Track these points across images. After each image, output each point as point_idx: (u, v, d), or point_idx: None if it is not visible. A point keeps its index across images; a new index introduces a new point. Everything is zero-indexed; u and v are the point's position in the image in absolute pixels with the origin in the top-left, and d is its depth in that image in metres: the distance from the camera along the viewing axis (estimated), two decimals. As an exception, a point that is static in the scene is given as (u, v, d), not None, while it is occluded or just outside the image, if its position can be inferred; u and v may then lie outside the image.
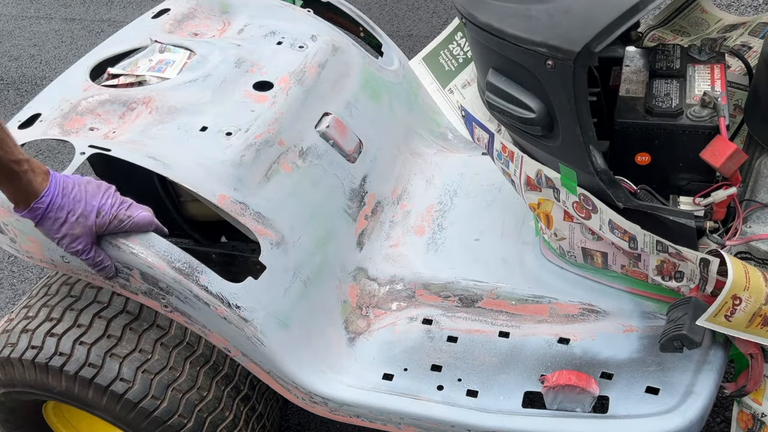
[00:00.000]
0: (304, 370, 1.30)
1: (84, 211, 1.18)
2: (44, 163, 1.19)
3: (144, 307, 1.39)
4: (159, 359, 1.36)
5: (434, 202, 1.64)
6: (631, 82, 1.24)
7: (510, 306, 1.39)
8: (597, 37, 0.98)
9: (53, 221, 1.17)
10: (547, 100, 1.09)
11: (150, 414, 1.34)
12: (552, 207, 1.27)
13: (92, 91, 1.53)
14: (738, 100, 1.31)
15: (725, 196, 1.10)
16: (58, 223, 1.17)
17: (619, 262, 1.26)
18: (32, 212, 1.15)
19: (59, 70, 3.52)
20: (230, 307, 1.24)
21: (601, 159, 1.09)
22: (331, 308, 1.42)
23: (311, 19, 1.77)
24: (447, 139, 1.85)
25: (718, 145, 1.09)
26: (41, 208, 1.15)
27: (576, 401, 1.19)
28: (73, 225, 1.18)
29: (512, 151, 1.25)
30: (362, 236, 1.55)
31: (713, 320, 1.02)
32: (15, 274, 2.56)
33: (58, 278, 1.47)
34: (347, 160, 1.56)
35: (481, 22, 1.12)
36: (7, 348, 1.38)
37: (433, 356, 1.33)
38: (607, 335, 1.27)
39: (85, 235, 1.19)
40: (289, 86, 1.52)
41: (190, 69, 1.55)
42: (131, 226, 1.24)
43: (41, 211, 1.15)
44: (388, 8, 3.60)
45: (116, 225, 1.22)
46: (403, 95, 1.82)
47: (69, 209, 1.17)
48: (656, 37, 1.49)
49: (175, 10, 1.80)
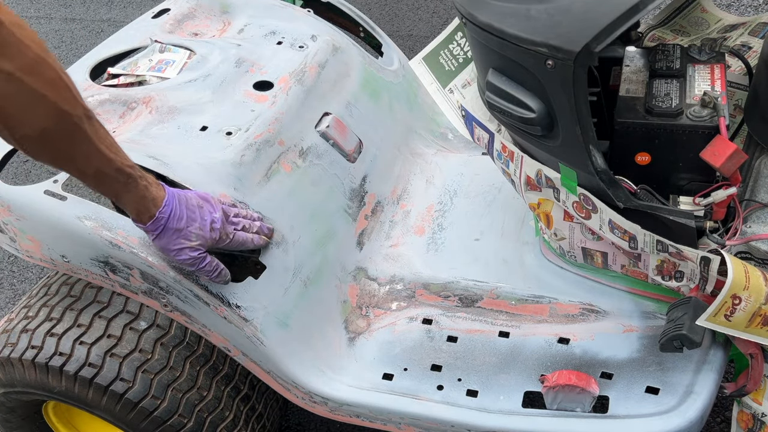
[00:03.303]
0: (304, 370, 1.30)
1: (199, 223, 1.15)
2: (44, 164, 1.17)
3: (144, 307, 1.39)
4: (159, 359, 1.36)
5: (434, 202, 1.64)
6: (631, 82, 1.24)
7: (510, 306, 1.39)
8: (597, 37, 0.98)
9: (173, 232, 1.11)
10: (547, 100, 1.09)
11: (150, 414, 1.34)
12: (552, 207, 1.27)
13: (92, 90, 1.53)
14: (738, 100, 1.31)
15: (725, 196, 1.10)
16: (179, 234, 1.12)
17: (619, 262, 1.26)
18: (155, 223, 1.09)
19: (59, 70, 3.52)
20: (230, 307, 1.25)
21: (601, 159, 1.09)
22: (331, 308, 1.42)
23: (311, 19, 1.77)
24: (447, 139, 1.85)
25: (718, 145, 1.09)
26: (164, 218, 1.09)
27: (576, 401, 1.19)
28: (190, 236, 1.13)
29: (512, 151, 1.25)
30: (362, 236, 1.55)
31: (713, 320, 1.02)
32: (15, 274, 2.56)
33: (58, 278, 1.47)
34: (347, 160, 1.56)
35: (481, 22, 1.12)
36: (7, 348, 1.38)
37: (433, 356, 1.33)
38: (607, 335, 1.27)
39: (202, 246, 1.15)
40: (289, 86, 1.52)
41: (190, 69, 1.55)
42: (233, 244, 1.21)
43: (163, 221, 1.10)
44: (388, 8, 3.60)
45: (224, 239, 1.19)
46: (403, 95, 1.82)
47: (188, 220, 1.13)
48: (656, 37, 1.49)
49: (175, 10, 1.80)
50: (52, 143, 0.94)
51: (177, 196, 1.13)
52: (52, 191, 1.30)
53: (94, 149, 0.98)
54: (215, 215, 1.18)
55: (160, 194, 1.10)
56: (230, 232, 1.20)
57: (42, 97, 0.88)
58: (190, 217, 1.14)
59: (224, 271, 1.21)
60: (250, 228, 1.26)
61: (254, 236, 1.26)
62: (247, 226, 1.26)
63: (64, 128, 0.93)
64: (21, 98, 0.87)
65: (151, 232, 1.11)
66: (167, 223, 1.11)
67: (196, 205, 1.16)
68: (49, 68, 0.90)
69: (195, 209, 1.15)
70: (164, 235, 1.11)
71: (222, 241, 1.19)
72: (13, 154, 1.45)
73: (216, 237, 1.18)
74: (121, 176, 1.03)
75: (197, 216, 1.15)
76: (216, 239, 1.18)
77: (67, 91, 0.92)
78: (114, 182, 1.03)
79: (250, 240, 1.25)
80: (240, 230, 1.24)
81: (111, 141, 1.02)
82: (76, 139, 0.95)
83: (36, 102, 0.88)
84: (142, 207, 1.08)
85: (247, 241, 1.24)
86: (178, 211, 1.12)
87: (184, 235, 1.13)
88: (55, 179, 1.33)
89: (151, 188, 1.09)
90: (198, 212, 1.15)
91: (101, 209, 1.29)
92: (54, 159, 0.97)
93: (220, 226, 1.18)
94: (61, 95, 0.91)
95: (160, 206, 1.09)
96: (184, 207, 1.13)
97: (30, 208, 1.30)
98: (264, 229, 1.30)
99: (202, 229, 1.15)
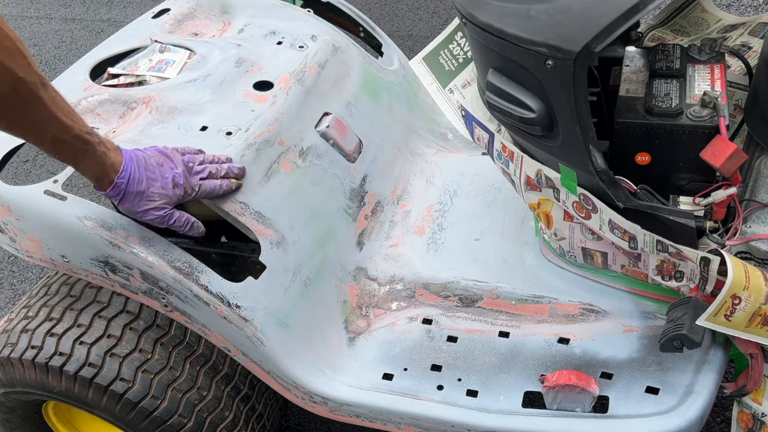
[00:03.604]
0: (304, 370, 1.30)
1: (160, 181, 1.16)
2: (44, 164, 1.18)
3: (144, 307, 1.39)
4: (159, 359, 1.36)
5: (434, 202, 1.64)
6: (631, 82, 1.24)
7: (510, 306, 1.39)
8: (597, 37, 0.98)
9: (135, 195, 1.13)
10: (547, 100, 1.09)
11: (150, 414, 1.34)
12: (552, 207, 1.27)
13: (92, 90, 1.53)
14: (738, 100, 1.31)
15: (725, 196, 1.10)
16: (141, 196, 1.14)
17: (619, 262, 1.26)
18: (115, 189, 1.11)
19: (59, 70, 3.52)
20: (230, 307, 1.25)
21: (601, 159, 1.09)
22: (331, 308, 1.42)
23: (311, 19, 1.77)
24: (447, 139, 1.85)
25: (718, 145, 1.09)
26: (123, 182, 1.12)
27: (576, 401, 1.19)
28: (153, 196, 1.15)
29: (512, 151, 1.25)
30: (362, 236, 1.55)
31: (713, 320, 1.02)
32: (15, 274, 2.56)
33: (58, 278, 1.47)
34: (347, 160, 1.56)
35: (481, 22, 1.12)
36: (7, 348, 1.38)
37: (433, 356, 1.33)
38: (607, 335, 1.27)
39: (167, 204, 1.18)
40: (289, 86, 1.52)
41: (190, 69, 1.55)
42: (201, 194, 1.23)
43: (123, 186, 1.12)
44: (388, 8, 3.60)
45: (189, 193, 1.21)
46: (403, 95, 1.82)
47: (148, 181, 1.15)
48: (656, 37, 1.49)
49: (175, 10, 1.80)
50: (8, 110, 0.96)
51: (135, 158, 1.15)
52: (52, 191, 1.30)
53: (50, 115, 0.99)
54: (177, 170, 1.19)
55: (118, 159, 1.11)
56: (195, 185, 1.22)
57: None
58: (150, 178, 1.15)
59: (196, 224, 1.23)
60: (217, 173, 1.26)
61: (222, 182, 1.26)
62: (213, 171, 1.26)
63: (20, 95, 0.94)
64: None
65: (113, 197, 1.13)
66: (127, 188, 1.12)
67: (156, 163, 1.17)
68: (4, 37, 0.91)
69: (155, 168, 1.16)
70: (126, 199, 1.14)
71: (188, 195, 1.21)
72: (12, 154, 1.45)
73: (180, 193, 1.19)
74: (79, 143, 1.05)
75: (158, 175, 1.16)
76: (181, 195, 1.19)
77: (22, 59, 0.93)
78: (72, 149, 1.05)
79: (218, 187, 1.25)
80: (207, 178, 1.24)
81: (68, 108, 1.03)
82: (31, 105, 0.97)
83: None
84: (101, 173, 1.10)
85: (216, 189, 1.25)
86: (137, 174, 1.13)
87: (147, 197, 1.15)
88: (55, 179, 1.33)
89: (110, 153, 1.10)
90: (158, 171, 1.17)
91: (101, 209, 1.29)
92: (10, 125, 0.99)
93: (183, 181, 1.19)
94: (16, 62, 0.92)
95: (118, 171, 1.11)
96: (143, 169, 1.14)
97: (30, 208, 1.30)
98: (234, 170, 1.29)
99: (165, 188, 1.17)
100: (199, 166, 1.25)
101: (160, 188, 1.16)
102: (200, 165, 1.25)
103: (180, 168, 1.20)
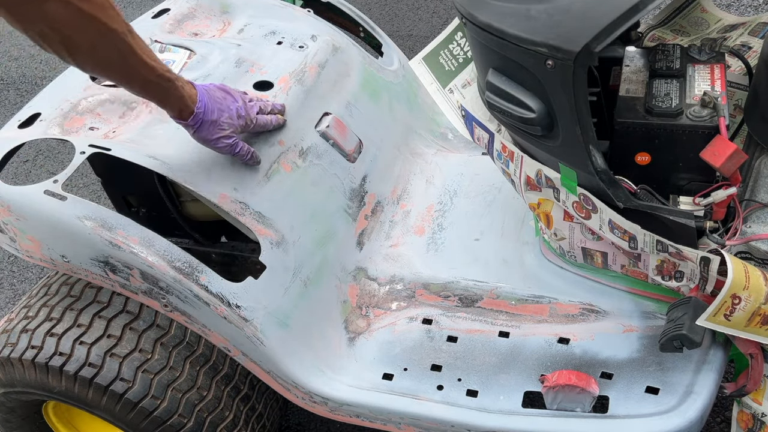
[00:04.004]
0: (304, 370, 1.30)
1: (228, 113, 1.27)
2: (44, 164, 1.19)
3: (144, 307, 1.39)
4: (159, 359, 1.36)
5: (434, 202, 1.64)
6: (631, 82, 1.24)
7: (510, 306, 1.39)
8: (597, 37, 0.98)
9: (209, 124, 1.24)
10: (547, 100, 1.09)
11: (150, 414, 1.34)
12: (552, 207, 1.27)
13: (92, 90, 1.53)
14: (738, 100, 1.31)
15: (725, 196, 1.10)
16: (214, 125, 1.25)
17: (619, 262, 1.27)
18: (195, 118, 1.22)
19: (59, 70, 3.52)
20: (230, 307, 1.25)
21: (601, 159, 1.09)
22: (331, 308, 1.42)
23: (311, 19, 1.77)
24: (447, 139, 1.85)
25: (718, 145, 1.09)
26: (201, 112, 1.22)
27: (576, 401, 1.19)
28: (224, 125, 1.26)
29: (512, 151, 1.25)
30: (362, 236, 1.55)
31: (713, 319, 1.02)
32: (15, 274, 2.56)
33: (58, 278, 1.47)
34: (347, 159, 1.56)
35: (481, 22, 1.12)
36: (7, 348, 1.38)
37: (433, 356, 1.33)
38: (607, 335, 1.27)
39: (233, 132, 1.29)
40: (289, 86, 1.52)
41: (190, 69, 1.55)
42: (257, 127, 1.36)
43: (201, 115, 1.22)
44: (388, 8, 3.60)
45: (248, 125, 1.33)
46: (403, 95, 1.82)
47: (218, 112, 1.25)
48: (656, 37, 1.49)
49: (175, 10, 1.80)
50: (102, 57, 1.07)
51: (207, 92, 1.26)
52: (52, 191, 1.30)
53: (138, 60, 1.11)
54: (238, 104, 1.31)
55: (193, 92, 1.23)
56: (253, 117, 1.34)
57: (93, 18, 1.02)
58: (220, 109, 1.26)
59: (255, 154, 1.35)
60: (265, 108, 1.39)
61: (272, 117, 1.40)
62: (263, 107, 1.39)
63: (112, 43, 1.06)
64: (75, 20, 1.00)
65: (191, 127, 1.24)
66: (204, 117, 1.23)
67: (221, 97, 1.29)
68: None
69: (221, 101, 1.28)
70: (203, 128, 1.24)
71: (248, 126, 1.33)
72: (12, 154, 1.45)
73: (243, 123, 1.31)
74: (163, 81, 1.16)
75: (225, 106, 1.28)
76: (243, 125, 1.32)
77: (113, 11, 1.05)
78: (158, 87, 1.16)
79: (270, 121, 1.39)
80: (258, 113, 1.37)
81: (150, 51, 1.14)
82: (123, 53, 1.08)
83: (88, 23, 1.02)
84: (183, 105, 1.20)
85: (268, 123, 1.39)
86: (211, 105, 1.25)
87: (219, 126, 1.26)
88: (55, 179, 1.33)
89: (186, 87, 1.21)
90: (224, 102, 1.28)
91: (101, 209, 1.29)
92: (106, 71, 1.11)
93: (245, 113, 1.32)
94: (108, 15, 1.04)
95: (196, 102, 1.22)
96: (213, 101, 1.26)
97: (30, 208, 1.30)
98: (277, 106, 1.43)
99: (231, 118, 1.28)
100: (251, 102, 1.36)
101: (228, 118, 1.27)
102: (251, 102, 1.37)
103: (240, 102, 1.31)
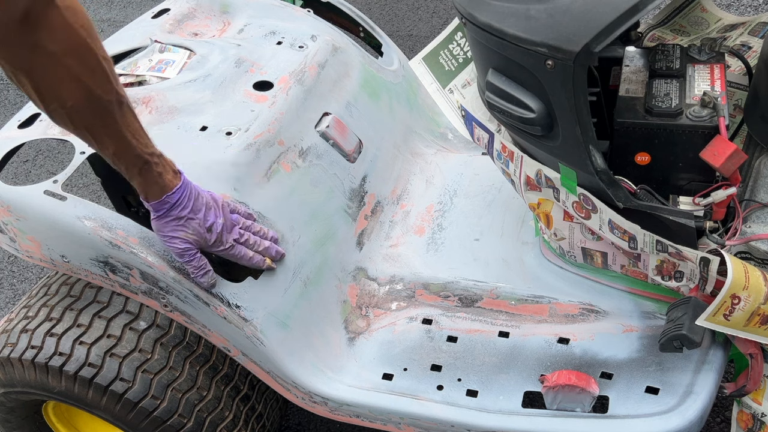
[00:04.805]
0: (303, 370, 1.30)
1: (201, 220, 1.18)
2: (44, 164, 1.19)
3: (144, 307, 1.39)
4: (159, 359, 1.36)
5: (434, 202, 1.64)
6: (630, 82, 1.24)
7: (510, 306, 1.39)
8: (597, 37, 0.98)
9: (173, 219, 1.16)
10: (547, 100, 1.09)
11: (150, 414, 1.34)
12: (552, 207, 1.27)
13: (92, 90, 1.53)
14: (738, 100, 1.31)
15: (725, 196, 1.10)
16: (177, 222, 1.16)
17: (619, 262, 1.27)
18: (160, 204, 1.14)
19: (59, 70, 3.51)
20: (230, 307, 1.25)
21: (601, 159, 1.09)
22: (330, 308, 1.42)
23: (311, 19, 1.77)
24: (447, 139, 1.85)
25: (718, 145, 1.09)
26: (169, 203, 1.14)
27: (576, 401, 1.19)
28: (187, 229, 1.17)
29: (512, 151, 1.25)
30: (362, 236, 1.55)
31: (712, 319, 1.02)
32: (15, 274, 2.56)
33: (58, 278, 1.47)
34: (347, 160, 1.56)
35: (481, 22, 1.12)
36: (7, 348, 1.38)
37: (433, 356, 1.33)
38: (607, 335, 1.27)
39: (194, 242, 1.19)
40: (289, 86, 1.52)
41: (190, 69, 1.55)
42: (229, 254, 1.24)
43: (168, 206, 1.15)
44: (388, 8, 3.60)
45: (217, 246, 1.22)
46: (403, 95, 1.82)
47: (190, 213, 1.17)
48: (656, 37, 1.49)
49: (175, 10, 1.80)
50: (79, 119, 1.02)
51: (191, 189, 1.18)
52: (52, 191, 1.30)
53: (116, 132, 1.05)
54: (218, 221, 1.21)
55: (174, 182, 1.15)
56: (226, 242, 1.23)
57: (77, 79, 0.97)
58: (194, 210, 1.18)
59: (210, 273, 1.23)
60: (254, 245, 1.28)
61: (255, 255, 1.28)
62: (252, 242, 1.27)
63: (92, 109, 1.01)
64: (57, 76, 0.95)
65: (153, 211, 1.16)
66: (171, 209, 1.15)
67: (204, 204, 1.20)
68: (91, 55, 0.97)
69: (201, 207, 1.19)
70: (164, 218, 1.16)
71: (215, 247, 1.22)
72: (12, 154, 1.45)
73: (212, 239, 1.21)
74: (138, 161, 1.09)
75: (201, 215, 1.19)
76: (210, 243, 1.21)
77: (104, 77, 1.00)
78: (129, 165, 1.10)
79: (249, 257, 1.27)
80: (242, 243, 1.26)
81: (137, 127, 1.09)
82: (102, 119, 1.03)
83: (70, 82, 0.96)
84: (149, 190, 1.13)
85: (245, 257, 1.26)
86: (186, 201, 1.16)
87: (182, 226, 1.17)
88: (55, 179, 1.33)
89: (166, 176, 1.14)
90: (203, 211, 1.19)
91: (101, 209, 1.29)
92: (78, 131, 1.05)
93: (219, 231, 1.22)
94: (96, 80, 0.99)
95: (168, 192, 1.14)
96: (192, 201, 1.17)
97: (30, 208, 1.30)
98: (272, 251, 1.31)
99: (201, 227, 1.19)
100: (241, 229, 1.27)
101: (197, 225, 1.18)
102: (242, 229, 1.27)
103: (221, 220, 1.22)
